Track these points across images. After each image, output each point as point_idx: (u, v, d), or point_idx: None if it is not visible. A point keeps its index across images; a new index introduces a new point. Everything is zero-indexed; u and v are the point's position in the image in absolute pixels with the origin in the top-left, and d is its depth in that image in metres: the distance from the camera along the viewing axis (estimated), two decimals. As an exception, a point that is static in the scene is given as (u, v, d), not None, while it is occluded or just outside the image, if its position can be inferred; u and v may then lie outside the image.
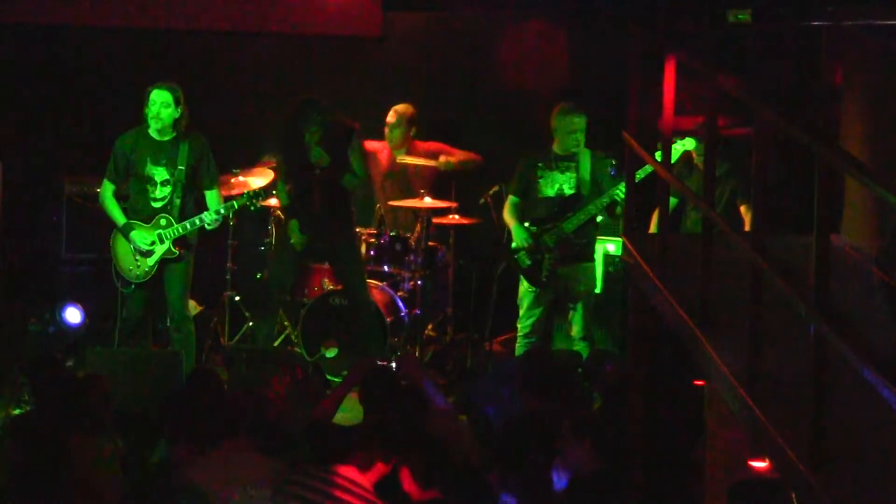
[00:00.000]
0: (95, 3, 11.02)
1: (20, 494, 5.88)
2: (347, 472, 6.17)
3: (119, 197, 9.32)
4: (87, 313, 10.09)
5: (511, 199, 9.75)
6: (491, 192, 10.60)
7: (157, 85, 9.09)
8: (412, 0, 11.38)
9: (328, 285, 10.14)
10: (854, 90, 7.59)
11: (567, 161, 9.59)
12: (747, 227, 8.38)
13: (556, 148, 9.64)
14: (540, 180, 9.62)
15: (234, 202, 9.37)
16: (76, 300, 10.09)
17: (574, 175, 9.57)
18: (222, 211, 9.27)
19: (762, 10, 9.80)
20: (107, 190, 9.29)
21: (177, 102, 9.08)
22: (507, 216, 9.75)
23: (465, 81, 11.34)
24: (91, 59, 11.08)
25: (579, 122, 9.52)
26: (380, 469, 6.22)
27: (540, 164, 9.63)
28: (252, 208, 9.58)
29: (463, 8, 11.38)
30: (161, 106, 9.06)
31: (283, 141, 9.73)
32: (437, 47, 11.40)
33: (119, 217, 9.25)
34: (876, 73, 7.50)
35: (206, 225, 9.26)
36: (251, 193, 9.48)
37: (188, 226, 9.21)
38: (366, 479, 6.19)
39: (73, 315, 9.97)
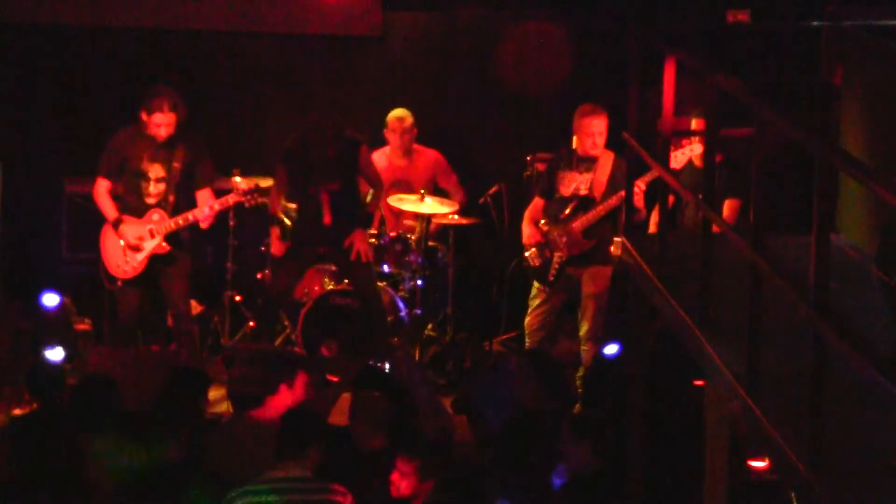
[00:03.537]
0: (95, 3, 11.01)
1: (21, 495, 5.88)
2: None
3: (113, 194, 9.32)
4: (87, 312, 10.06)
5: (536, 199, 9.73)
6: (491, 192, 10.59)
7: (159, 104, 9.04)
8: (412, 0, 11.37)
9: (328, 285, 10.12)
10: (854, 90, 7.59)
11: (588, 162, 9.53)
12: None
13: (577, 148, 9.61)
14: (559, 179, 9.59)
15: (228, 198, 9.34)
16: (76, 300, 10.08)
17: (591, 177, 9.51)
18: (215, 207, 9.24)
19: (762, 10, 9.79)
20: (101, 186, 9.31)
21: (179, 113, 9.09)
22: (525, 214, 9.72)
23: (465, 81, 11.32)
24: (91, 59, 11.06)
25: (598, 124, 9.41)
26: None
27: (562, 164, 9.60)
28: (248, 204, 9.53)
29: (463, 8, 11.37)
30: (164, 127, 9.08)
31: (293, 155, 9.64)
32: (437, 47, 11.39)
33: (111, 211, 9.27)
34: (876, 73, 7.50)
35: (199, 221, 9.24)
36: (251, 189, 9.42)
37: (181, 221, 9.21)
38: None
39: (49, 299, 9.90)
